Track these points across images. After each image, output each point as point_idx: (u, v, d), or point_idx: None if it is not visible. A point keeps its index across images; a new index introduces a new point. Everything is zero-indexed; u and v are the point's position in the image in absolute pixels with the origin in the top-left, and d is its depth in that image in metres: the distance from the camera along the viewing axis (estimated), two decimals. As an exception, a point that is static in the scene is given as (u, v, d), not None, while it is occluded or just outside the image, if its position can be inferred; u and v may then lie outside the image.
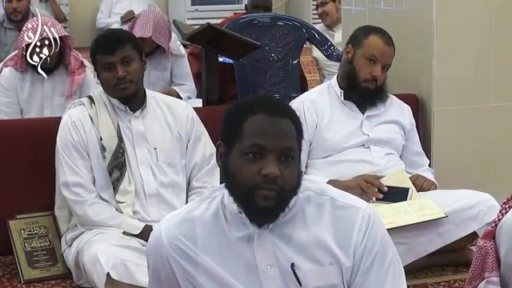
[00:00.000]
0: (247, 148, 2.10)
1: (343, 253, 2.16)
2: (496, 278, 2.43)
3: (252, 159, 2.10)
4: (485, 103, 4.59)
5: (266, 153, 2.09)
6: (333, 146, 3.98)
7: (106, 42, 3.73)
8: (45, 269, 3.89)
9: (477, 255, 2.48)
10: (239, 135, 2.11)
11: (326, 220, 2.18)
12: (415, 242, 3.75)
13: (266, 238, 2.16)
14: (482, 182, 4.39)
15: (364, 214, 2.19)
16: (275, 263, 2.16)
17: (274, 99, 2.25)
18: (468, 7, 4.52)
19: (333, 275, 2.16)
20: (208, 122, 3.91)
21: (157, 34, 5.34)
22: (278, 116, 2.12)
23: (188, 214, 2.22)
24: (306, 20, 7.24)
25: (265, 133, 2.10)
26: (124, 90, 3.70)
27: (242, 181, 2.10)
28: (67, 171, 3.70)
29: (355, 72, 3.98)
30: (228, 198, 2.17)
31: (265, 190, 2.08)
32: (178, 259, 2.18)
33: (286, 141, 2.11)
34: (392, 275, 2.18)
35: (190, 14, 11.94)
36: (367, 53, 3.95)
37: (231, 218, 2.18)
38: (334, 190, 2.25)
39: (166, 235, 2.19)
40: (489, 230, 2.47)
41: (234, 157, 2.12)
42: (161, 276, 2.23)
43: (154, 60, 5.46)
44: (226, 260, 2.17)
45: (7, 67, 4.80)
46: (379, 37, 3.99)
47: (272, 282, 2.16)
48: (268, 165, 2.08)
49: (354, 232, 2.17)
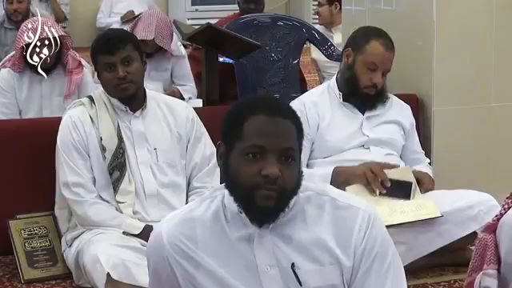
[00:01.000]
0: (247, 148, 2.10)
1: (343, 253, 2.16)
2: (493, 270, 2.44)
3: (252, 159, 2.10)
4: (485, 103, 4.59)
5: (266, 153, 2.09)
6: (333, 148, 3.98)
7: (106, 41, 3.73)
8: (45, 269, 3.89)
9: (477, 247, 2.49)
10: (240, 135, 2.11)
11: (326, 220, 2.18)
12: (415, 242, 3.75)
13: (266, 238, 2.16)
14: (482, 182, 4.39)
15: (364, 214, 2.19)
16: (275, 263, 2.16)
17: (274, 99, 2.25)
18: (468, 7, 4.53)
19: (333, 275, 2.16)
20: (208, 122, 3.91)
21: (159, 36, 5.34)
22: (278, 116, 2.12)
23: (188, 214, 2.22)
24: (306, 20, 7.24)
25: (265, 133, 2.10)
26: (124, 91, 3.70)
27: (243, 181, 2.10)
28: (67, 171, 3.70)
29: (355, 78, 3.96)
30: (228, 198, 2.17)
31: (265, 190, 2.09)
32: (179, 259, 2.18)
33: (286, 141, 2.11)
34: (392, 275, 2.18)
35: (190, 14, 11.94)
36: (368, 60, 3.93)
37: (231, 217, 2.18)
38: (335, 191, 2.26)
39: (166, 235, 2.19)
40: (490, 223, 2.48)
41: (235, 157, 2.12)
42: (161, 276, 2.23)
43: (155, 61, 5.46)
44: (226, 260, 2.17)
45: (5, 68, 4.79)
46: (380, 43, 3.95)
47: (272, 282, 2.16)
48: (268, 165, 2.08)
49: (355, 232, 2.17)
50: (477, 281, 2.47)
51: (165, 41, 5.38)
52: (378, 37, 3.99)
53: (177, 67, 5.64)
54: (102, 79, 3.74)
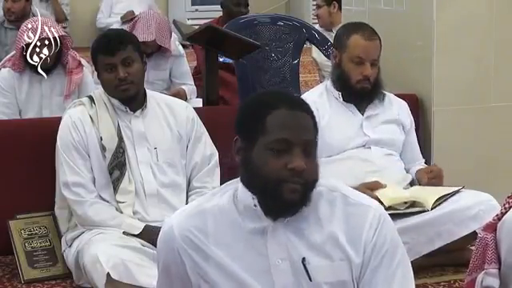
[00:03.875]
0: (273, 142, 2.12)
1: (353, 249, 2.18)
2: (494, 270, 2.44)
3: (277, 153, 2.11)
4: (485, 103, 4.59)
5: (291, 146, 2.11)
6: (334, 148, 3.98)
7: (107, 42, 3.73)
8: (45, 269, 3.89)
9: (477, 246, 2.49)
10: (262, 130, 2.13)
11: (337, 216, 2.20)
12: (415, 242, 3.75)
13: (280, 232, 2.18)
14: (482, 181, 4.39)
15: (375, 212, 2.21)
16: (287, 257, 2.17)
17: (291, 94, 2.28)
18: (468, 7, 4.53)
19: (343, 271, 2.18)
20: (208, 121, 3.92)
21: (160, 36, 5.36)
22: (299, 110, 2.15)
23: (199, 206, 2.23)
24: (306, 20, 7.24)
25: (289, 127, 2.12)
26: (125, 91, 3.70)
27: (268, 175, 2.11)
28: (67, 171, 3.70)
29: (346, 76, 3.98)
30: (243, 192, 2.18)
31: (292, 183, 2.11)
32: (189, 251, 2.19)
33: (307, 134, 2.15)
34: (401, 274, 2.20)
35: (190, 14, 11.94)
36: (352, 55, 3.94)
37: (245, 211, 2.19)
38: (345, 187, 2.27)
39: (177, 227, 2.20)
40: (491, 222, 2.48)
41: (258, 151, 2.13)
42: (171, 270, 2.23)
43: (153, 60, 5.46)
44: (237, 253, 2.18)
45: (5, 68, 4.79)
46: (360, 35, 3.95)
47: (283, 276, 2.17)
48: (295, 158, 2.11)
49: (365, 229, 2.18)
50: (478, 279, 2.47)
51: (165, 40, 5.40)
52: (356, 30, 4.00)
53: (175, 66, 5.65)
54: (103, 80, 3.74)
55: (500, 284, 2.46)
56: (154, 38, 5.32)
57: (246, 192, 2.17)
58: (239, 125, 2.19)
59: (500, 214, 2.46)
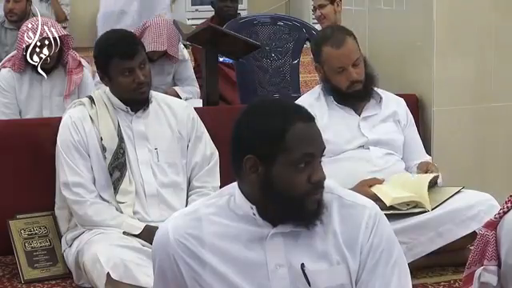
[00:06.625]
0: (299, 159, 2.11)
1: (351, 251, 2.18)
2: (494, 267, 2.44)
3: (301, 168, 2.12)
4: (485, 103, 4.59)
5: (313, 159, 2.13)
6: (333, 150, 3.98)
7: (125, 46, 3.66)
8: (45, 269, 3.89)
9: (478, 242, 2.49)
10: (283, 147, 2.11)
11: (334, 218, 2.20)
12: (415, 242, 3.75)
13: (278, 238, 2.17)
14: (482, 181, 4.39)
15: (370, 212, 2.21)
16: (285, 263, 2.17)
17: (294, 103, 2.26)
18: (468, 7, 4.53)
19: (341, 275, 2.18)
20: (208, 122, 3.92)
21: (170, 46, 5.36)
22: (312, 121, 2.16)
23: (195, 212, 2.22)
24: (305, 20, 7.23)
25: (311, 140, 2.14)
26: (142, 94, 3.71)
27: (294, 191, 2.12)
28: (68, 171, 3.70)
29: (335, 86, 3.97)
30: (240, 201, 2.18)
31: (315, 195, 2.14)
32: (185, 257, 2.18)
33: (323, 143, 2.17)
34: (398, 273, 2.20)
35: (190, 14, 11.95)
36: (332, 67, 3.92)
37: (242, 217, 2.18)
38: (340, 188, 2.27)
39: (172, 233, 2.19)
40: (492, 220, 2.48)
41: (281, 168, 2.12)
42: (167, 275, 2.23)
43: (158, 65, 5.46)
44: (233, 259, 2.17)
45: (5, 68, 4.79)
46: (330, 46, 3.91)
47: (281, 282, 2.17)
48: (317, 171, 2.13)
49: (361, 230, 2.19)
50: (476, 274, 2.47)
51: (175, 49, 5.42)
52: (325, 41, 3.96)
53: (180, 70, 5.67)
54: (119, 83, 3.68)
55: (499, 283, 2.46)
56: (165, 49, 5.33)
57: (245, 201, 2.17)
58: (251, 145, 2.14)
59: (502, 213, 2.46)
